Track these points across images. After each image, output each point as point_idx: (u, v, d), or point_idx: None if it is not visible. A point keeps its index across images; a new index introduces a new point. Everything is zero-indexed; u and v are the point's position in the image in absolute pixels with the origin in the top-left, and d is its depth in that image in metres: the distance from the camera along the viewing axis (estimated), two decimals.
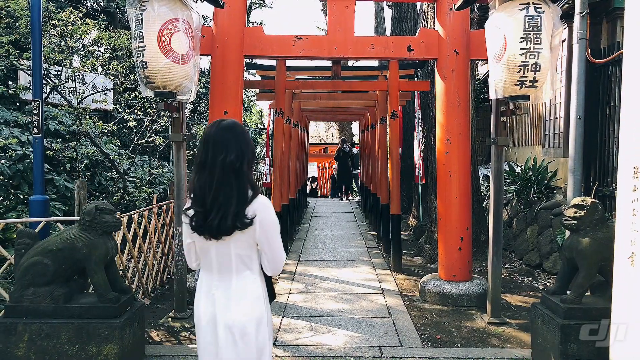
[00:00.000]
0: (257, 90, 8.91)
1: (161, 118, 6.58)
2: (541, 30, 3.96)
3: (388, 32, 13.30)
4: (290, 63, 6.75)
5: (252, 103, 21.82)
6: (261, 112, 22.63)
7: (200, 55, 5.86)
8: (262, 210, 2.00)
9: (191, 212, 2.00)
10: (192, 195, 2.01)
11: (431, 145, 7.47)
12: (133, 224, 5.18)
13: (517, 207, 7.81)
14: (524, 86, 4.08)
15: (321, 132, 42.07)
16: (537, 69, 4.01)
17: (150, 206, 5.83)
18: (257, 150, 18.48)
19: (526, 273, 6.63)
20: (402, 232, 7.59)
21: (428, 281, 5.54)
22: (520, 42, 3.99)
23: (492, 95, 4.37)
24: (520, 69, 4.02)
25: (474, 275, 5.63)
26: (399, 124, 6.57)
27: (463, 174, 5.42)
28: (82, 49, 6.06)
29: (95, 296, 3.63)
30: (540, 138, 8.75)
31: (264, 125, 21.63)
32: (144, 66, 4.04)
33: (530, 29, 3.95)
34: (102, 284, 3.55)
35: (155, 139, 6.47)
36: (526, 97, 4.20)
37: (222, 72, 5.38)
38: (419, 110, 9.12)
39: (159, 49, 3.98)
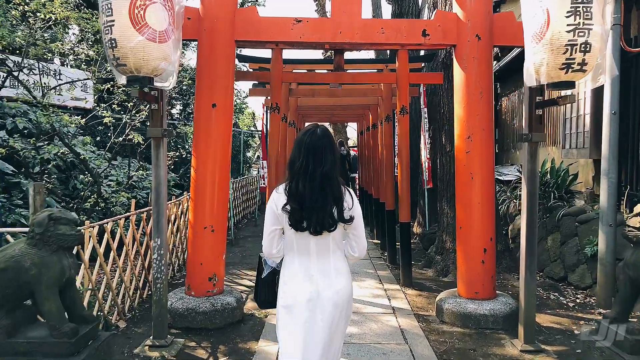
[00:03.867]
0: (251, 86, 8.20)
1: (140, 113, 5.85)
2: (592, 1, 3.30)
3: None
4: (287, 55, 6.06)
5: (244, 105, 21.11)
6: (254, 114, 21.96)
7: (186, 40, 5.17)
8: (355, 200, 2.34)
9: (288, 207, 2.23)
10: (288, 193, 2.24)
11: (442, 146, 6.81)
12: (105, 234, 4.45)
13: None
14: (570, 70, 3.40)
15: None
16: (588, 49, 3.34)
17: (128, 213, 5.10)
18: (249, 154, 17.73)
19: (550, 287, 5.96)
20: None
21: (446, 299, 4.84)
22: (567, 17, 3.32)
23: (529, 82, 3.69)
24: (567, 49, 3.35)
25: (497, 291, 4.94)
26: (408, 121, 5.89)
27: (486, 175, 4.75)
28: (46, 31, 5.25)
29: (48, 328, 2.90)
30: (556, 138, 8.12)
31: (256, 128, 20.92)
32: (113, 45, 3.33)
33: (580, 0, 3.28)
34: (54, 314, 2.83)
35: (133, 137, 5.74)
36: (571, 84, 3.53)
37: (210, 60, 4.68)
38: (425, 109, 8.45)
39: (130, 23, 3.28)
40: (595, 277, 5.61)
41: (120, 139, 5.73)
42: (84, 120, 5.69)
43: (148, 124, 4.22)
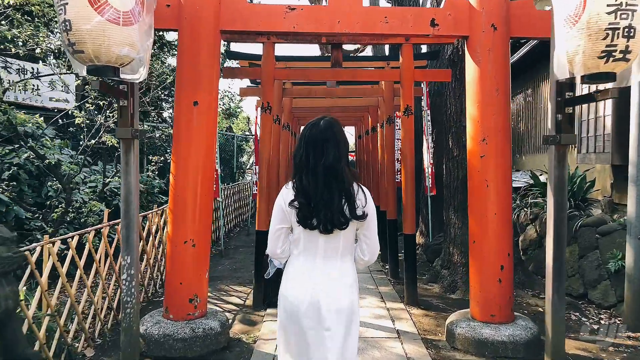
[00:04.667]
0: (245, 86, 7.67)
1: (116, 112, 5.29)
2: None
3: None
4: (280, 52, 5.53)
5: (239, 109, 20.57)
6: (248, 118, 21.39)
7: (165, 29, 4.66)
8: (369, 199, 2.17)
9: (296, 203, 2.10)
10: (295, 188, 2.12)
11: (448, 150, 6.27)
12: (70, 250, 3.88)
13: None
14: (611, 59, 2.87)
15: None
16: (631, 33, 2.81)
17: (100, 225, 4.53)
18: (244, 159, 17.18)
19: (569, 305, 5.40)
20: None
21: (458, 322, 4.29)
22: None
23: (561, 74, 3.16)
24: (607, 34, 2.83)
25: (515, 313, 4.39)
26: (413, 123, 5.35)
27: (502, 183, 4.22)
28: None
29: None
30: None
31: (251, 133, 20.38)
32: (67, 27, 2.79)
33: None
34: None
35: (106, 139, 5.17)
36: (611, 76, 3.00)
37: (192, 52, 4.15)
38: (428, 111, 7.94)
39: (87, 1, 2.74)
40: (620, 294, 5.09)
41: (93, 141, 5.17)
42: (36, 117, 5.10)
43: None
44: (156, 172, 7.74)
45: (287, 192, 2.15)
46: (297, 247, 2.21)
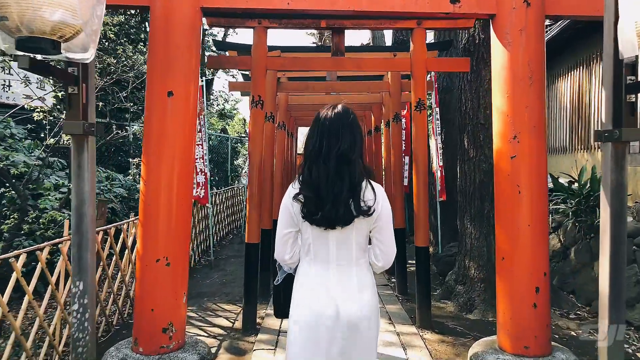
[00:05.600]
0: (240, 84, 6.97)
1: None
2: None
3: None
4: (272, 41, 4.84)
5: (234, 110, 19.90)
6: (244, 120, 20.73)
7: (134, 6, 3.99)
8: (381, 197, 2.02)
9: (301, 197, 1.97)
10: (301, 181, 1.99)
11: (464, 151, 5.59)
12: (14, 273, 3.18)
13: (575, 233, 5.92)
14: None
15: (300, 142, 40.09)
16: None
17: (60, 239, 3.83)
18: (240, 162, 16.50)
19: None
20: (411, 262, 5.60)
21: (484, 355, 3.59)
22: None
23: (626, 51, 2.45)
24: None
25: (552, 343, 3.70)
26: (426, 119, 4.67)
27: (538, 188, 3.53)
28: None
29: None
30: (589, 141, 7.01)
31: (246, 134, 19.72)
32: None
33: None
34: None
35: (66, 138, 4.51)
36: None
37: (167, 33, 3.47)
38: (437, 109, 7.27)
39: None
40: None
41: (53, 140, 4.48)
42: None
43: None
44: (138, 175, 7.05)
45: (292, 190, 2.00)
46: (307, 253, 2.06)
